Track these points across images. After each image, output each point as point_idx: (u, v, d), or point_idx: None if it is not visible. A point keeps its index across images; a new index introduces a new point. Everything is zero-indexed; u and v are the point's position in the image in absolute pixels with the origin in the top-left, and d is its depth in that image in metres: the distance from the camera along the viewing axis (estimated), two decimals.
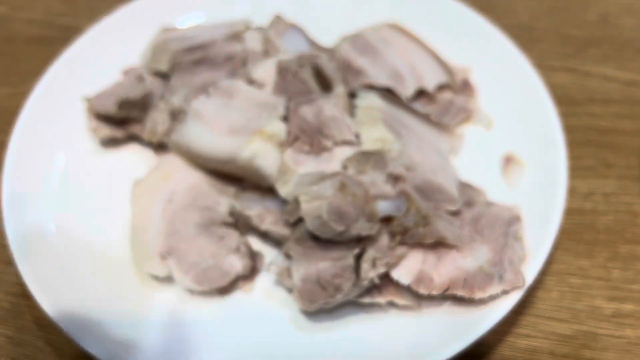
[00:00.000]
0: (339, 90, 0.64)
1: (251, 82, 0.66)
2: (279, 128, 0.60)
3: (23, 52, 0.86)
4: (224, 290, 0.58)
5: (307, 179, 0.56)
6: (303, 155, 0.60)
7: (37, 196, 0.64)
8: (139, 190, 0.62)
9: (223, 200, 0.62)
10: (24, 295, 0.62)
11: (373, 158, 0.58)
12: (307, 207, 0.53)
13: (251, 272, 0.59)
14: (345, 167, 0.58)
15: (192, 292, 0.58)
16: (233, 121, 0.62)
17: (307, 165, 0.59)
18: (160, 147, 0.68)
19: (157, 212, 0.60)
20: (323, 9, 0.82)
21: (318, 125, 0.62)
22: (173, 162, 0.63)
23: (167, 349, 0.54)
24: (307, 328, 0.56)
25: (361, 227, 0.53)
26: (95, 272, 0.59)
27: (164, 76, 0.70)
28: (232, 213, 0.62)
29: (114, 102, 0.66)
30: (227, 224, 0.61)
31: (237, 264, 0.58)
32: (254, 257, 0.60)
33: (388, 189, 0.56)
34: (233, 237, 0.60)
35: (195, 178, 0.62)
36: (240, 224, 0.61)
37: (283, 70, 0.65)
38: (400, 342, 0.54)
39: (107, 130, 0.68)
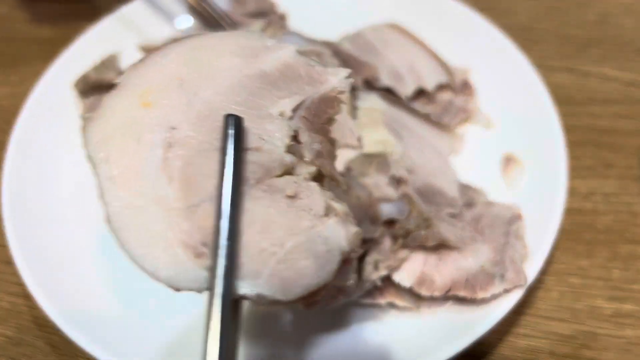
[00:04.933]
0: None
1: None
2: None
3: (23, 52, 0.86)
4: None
5: None
6: None
7: (36, 196, 0.64)
8: (99, 136, 0.33)
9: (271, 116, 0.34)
10: (24, 295, 0.62)
11: (376, 160, 0.57)
12: None
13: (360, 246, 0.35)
14: (348, 168, 0.58)
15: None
16: None
17: None
18: None
19: (152, 172, 0.34)
20: (323, 8, 0.82)
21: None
22: (152, 73, 0.35)
23: (167, 350, 0.54)
24: (309, 328, 0.56)
25: (365, 230, 0.53)
26: (95, 272, 0.59)
27: None
28: (291, 146, 0.35)
29: None
30: (289, 172, 0.35)
31: (339, 234, 0.33)
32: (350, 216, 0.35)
33: (391, 191, 0.56)
34: (311, 189, 0.34)
35: (209, 89, 0.35)
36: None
37: None
38: (402, 342, 0.54)
39: None
